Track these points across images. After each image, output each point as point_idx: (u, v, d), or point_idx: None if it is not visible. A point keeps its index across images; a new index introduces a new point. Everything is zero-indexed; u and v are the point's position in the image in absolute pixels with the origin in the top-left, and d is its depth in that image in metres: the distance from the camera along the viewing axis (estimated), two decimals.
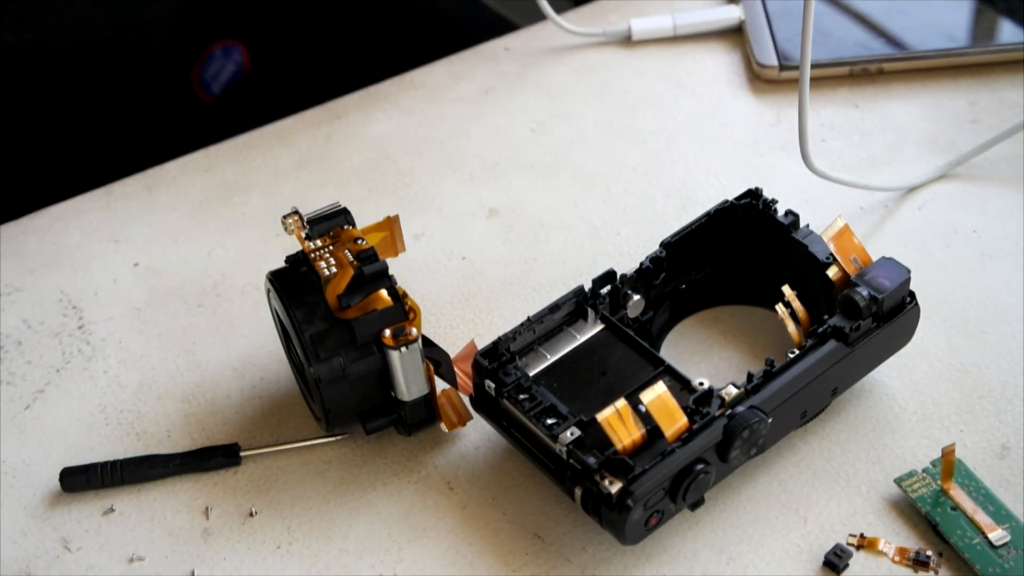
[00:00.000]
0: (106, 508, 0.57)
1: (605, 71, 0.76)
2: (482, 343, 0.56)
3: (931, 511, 0.53)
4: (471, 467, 0.57)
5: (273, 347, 0.62)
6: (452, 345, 0.62)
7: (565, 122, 0.73)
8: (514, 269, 0.65)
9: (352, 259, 0.55)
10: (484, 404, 0.56)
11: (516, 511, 0.55)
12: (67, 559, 0.55)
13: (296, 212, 0.56)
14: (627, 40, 0.77)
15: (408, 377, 0.54)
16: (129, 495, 0.57)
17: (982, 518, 0.52)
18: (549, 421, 0.52)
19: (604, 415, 0.50)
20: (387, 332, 0.54)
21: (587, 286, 0.57)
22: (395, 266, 0.57)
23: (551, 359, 0.56)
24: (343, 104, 0.76)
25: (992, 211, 0.66)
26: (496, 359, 0.55)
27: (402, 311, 0.54)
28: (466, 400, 0.57)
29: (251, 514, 0.56)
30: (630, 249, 0.65)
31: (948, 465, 0.53)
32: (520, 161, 0.71)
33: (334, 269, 0.55)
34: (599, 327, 0.57)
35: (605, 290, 0.57)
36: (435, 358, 0.56)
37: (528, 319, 0.56)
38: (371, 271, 0.54)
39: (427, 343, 0.56)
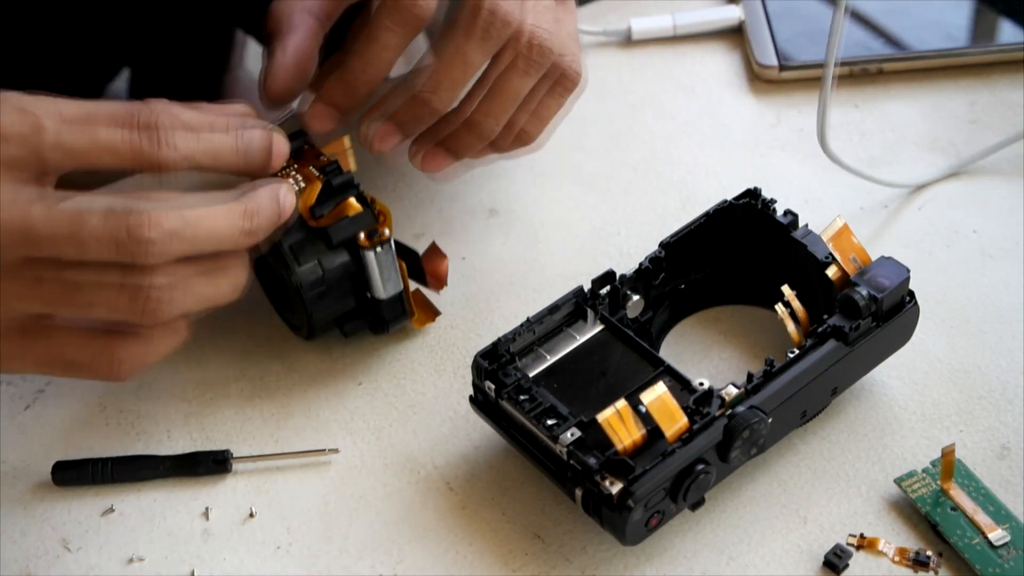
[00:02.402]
0: (106, 508, 0.57)
1: (605, 71, 0.76)
2: (482, 343, 0.56)
3: (931, 511, 0.53)
4: (471, 467, 0.57)
5: (273, 347, 0.62)
6: (452, 346, 0.62)
7: (565, 122, 0.73)
8: (514, 269, 0.65)
9: (318, 173, 0.57)
10: (484, 405, 0.56)
11: (516, 511, 0.55)
12: (67, 559, 0.55)
13: None
14: (627, 40, 0.77)
15: (384, 275, 0.58)
16: (129, 495, 0.57)
17: (982, 518, 0.52)
18: (549, 422, 0.52)
19: (604, 416, 0.50)
20: (361, 235, 0.57)
21: (587, 286, 0.57)
22: None
23: (551, 360, 0.56)
24: None
25: (992, 211, 0.66)
26: (496, 360, 0.55)
27: (372, 215, 0.57)
28: (433, 298, 0.62)
29: (251, 514, 0.56)
30: (630, 249, 0.65)
31: (948, 465, 0.53)
32: (520, 161, 0.71)
33: (303, 184, 0.57)
34: (599, 328, 0.57)
35: (605, 290, 0.57)
36: (407, 259, 0.59)
37: (528, 320, 0.56)
38: (338, 182, 0.57)
39: (399, 246, 0.59)
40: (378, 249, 0.57)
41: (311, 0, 0.59)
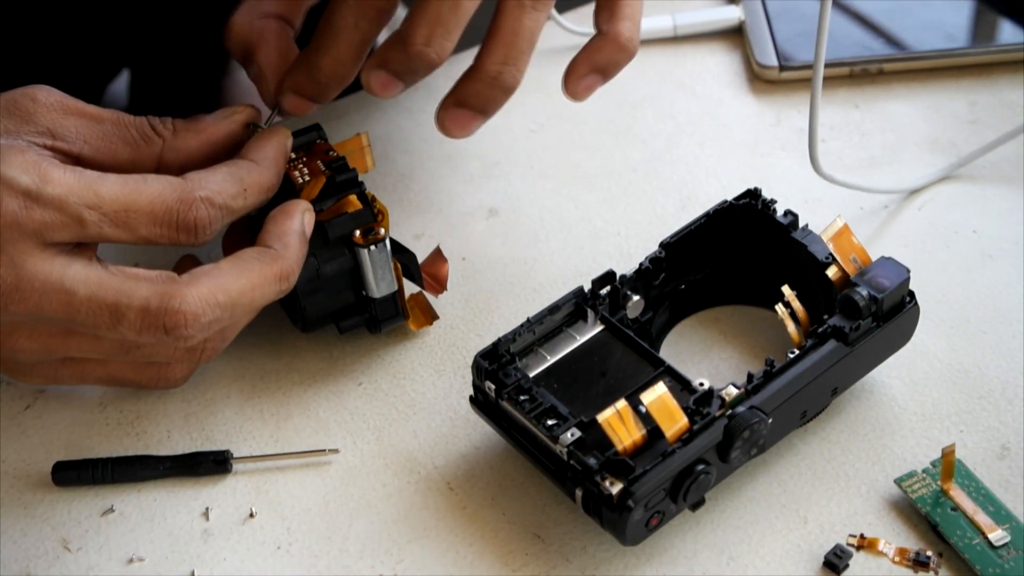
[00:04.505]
0: (106, 508, 0.57)
1: None
2: (482, 344, 0.56)
3: (931, 511, 0.53)
4: (471, 467, 0.57)
5: (273, 347, 0.62)
6: (452, 346, 0.62)
7: (565, 122, 0.73)
8: (514, 269, 0.65)
9: (324, 168, 0.59)
10: (484, 405, 0.56)
11: (516, 511, 0.55)
12: (67, 559, 0.55)
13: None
14: None
15: (378, 274, 0.58)
16: (129, 495, 0.57)
17: (982, 518, 0.52)
18: (550, 422, 0.52)
19: (604, 416, 0.50)
20: (357, 232, 0.57)
21: (587, 287, 0.57)
22: None
23: (551, 360, 0.56)
24: (343, 104, 0.76)
25: (992, 211, 0.66)
26: (496, 360, 0.55)
27: (371, 213, 0.58)
28: (433, 301, 0.62)
29: (251, 514, 0.56)
30: (630, 249, 0.65)
31: (948, 465, 0.53)
32: (520, 161, 0.71)
33: (308, 177, 0.59)
34: (599, 328, 0.57)
35: (605, 291, 0.57)
36: (403, 261, 0.60)
37: (528, 320, 0.56)
38: (342, 179, 0.58)
39: (396, 246, 0.59)
40: (372, 248, 0.57)
41: (268, 3, 0.60)
